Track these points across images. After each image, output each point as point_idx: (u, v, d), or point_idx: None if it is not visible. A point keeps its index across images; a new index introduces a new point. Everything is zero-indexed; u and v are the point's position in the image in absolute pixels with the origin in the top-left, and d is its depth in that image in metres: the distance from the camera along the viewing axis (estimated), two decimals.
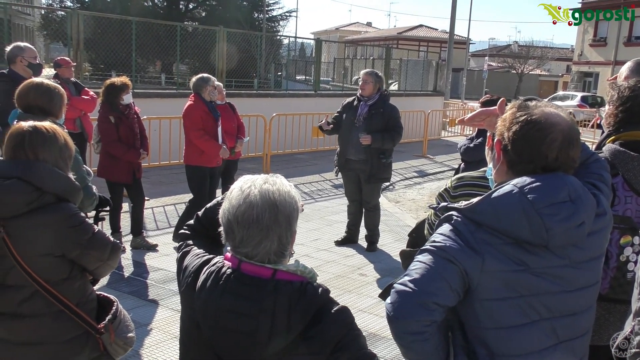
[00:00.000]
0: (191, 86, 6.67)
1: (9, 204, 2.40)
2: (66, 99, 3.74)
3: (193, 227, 2.05)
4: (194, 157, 6.60)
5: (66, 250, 2.49)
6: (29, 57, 5.32)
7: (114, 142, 6.15)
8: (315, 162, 13.05)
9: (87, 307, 2.59)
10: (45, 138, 2.53)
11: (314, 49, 17.32)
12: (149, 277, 5.75)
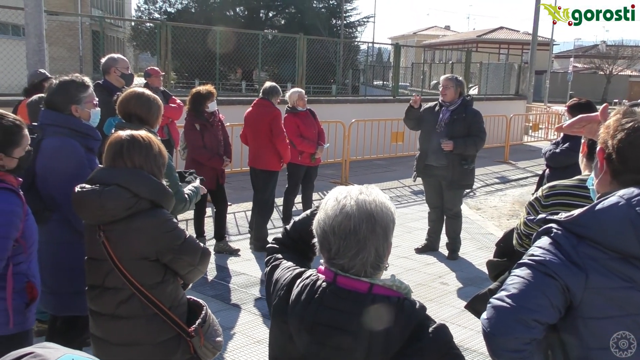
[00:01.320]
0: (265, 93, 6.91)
1: (109, 209, 2.51)
2: (162, 110, 3.89)
3: (281, 241, 2.05)
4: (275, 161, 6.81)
5: (160, 255, 2.58)
6: (122, 68, 5.58)
7: (200, 149, 6.33)
8: (393, 168, 12.95)
9: (179, 310, 2.67)
10: (141, 146, 2.64)
11: (393, 54, 17.21)
12: (231, 281, 5.87)
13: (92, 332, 2.74)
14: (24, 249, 2.70)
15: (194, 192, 3.67)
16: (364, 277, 1.61)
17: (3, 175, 2.65)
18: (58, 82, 3.46)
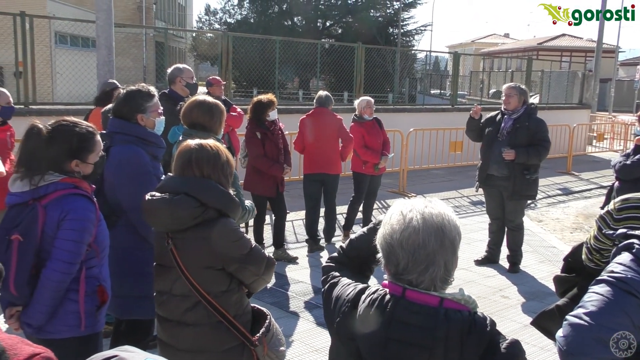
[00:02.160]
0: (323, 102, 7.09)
1: (177, 218, 2.57)
2: (225, 116, 3.97)
3: (337, 259, 2.04)
4: None
5: (226, 264, 2.61)
6: (187, 78, 5.72)
7: (260, 157, 6.40)
8: (451, 177, 12.76)
9: (243, 319, 2.69)
10: (209, 156, 2.68)
11: (452, 62, 17.00)
12: (290, 289, 5.90)
13: (158, 337, 2.80)
14: (96, 253, 2.79)
15: (251, 207, 3.73)
16: (433, 291, 1.59)
17: (78, 182, 2.75)
18: (125, 91, 3.58)
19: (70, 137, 2.72)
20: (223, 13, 39.46)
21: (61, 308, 2.67)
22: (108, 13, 7.28)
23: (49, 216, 2.63)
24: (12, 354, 0.92)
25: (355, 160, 7.59)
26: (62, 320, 2.66)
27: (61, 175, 2.71)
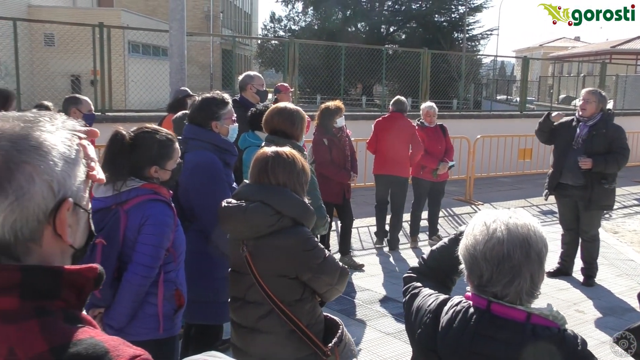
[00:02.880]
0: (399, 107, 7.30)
1: (253, 225, 2.58)
2: (306, 122, 3.99)
3: (418, 270, 2.01)
4: None
5: (299, 273, 2.61)
6: (258, 85, 5.79)
7: (327, 164, 6.41)
8: (520, 186, 12.41)
9: (316, 328, 2.68)
10: (285, 164, 2.69)
11: (521, 67, 16.59)
12: (356, 297, 5.87)
13: (232, 342, 2.83)
14: (174, 258, 2.85)
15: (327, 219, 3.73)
16: (519, 305, 1.53)
17: (158, 188, 2.82)
18: (200, 99, 3.65)
19: (151, 143, 2.79)
20: (287, 20, 39.97)
21: (141, 311, 2.73)
22: (181, 22, 7.48)
23: (130, 221, 2.70)
24: (115, 355, 0.93)
25: (414, 164, 7.53)
26: (142, 322, 2.73)
27: (142, 181, 2.79)
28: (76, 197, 1.03)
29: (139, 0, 34.04)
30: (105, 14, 22.87)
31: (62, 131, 1.03)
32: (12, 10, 20.86)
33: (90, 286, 1.05)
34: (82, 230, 1.08)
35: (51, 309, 0.97)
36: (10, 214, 0.94)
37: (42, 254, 1.01)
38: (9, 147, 0.95)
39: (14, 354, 0.90)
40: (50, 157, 0.98)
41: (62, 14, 21.46)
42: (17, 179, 0.94)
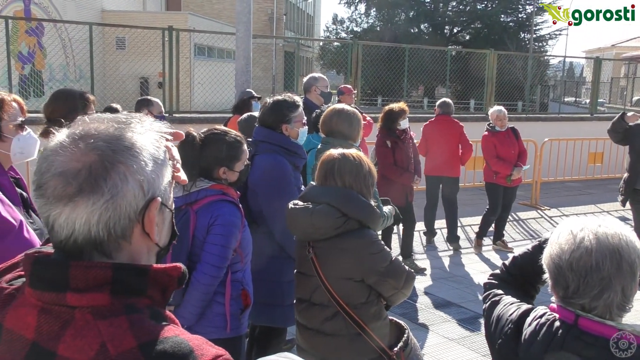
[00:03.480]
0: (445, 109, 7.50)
1: (319, 228, 2.59)
2: (362, 123, 3.98)
3: (500, 277, 1.95)
4: None
5: (365, 276, 2.59)
6: (322, 87, 5.81)
7: (390, 166, 6.36)
8: (589, 191, 11.96)
9: (382, 332, 2.65)
10: (352, 166, 2.68)
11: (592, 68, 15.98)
12: (418, 301, 5.80)
13: (297, 343, 2.84)
14: (241, 258, 2.88)
15: (389, 213, 3.69)
16: (608, 319, 1.46)
17: (226, 189, 2.86)
18: (272, 101, 3.66)
19: (220, 145, 2.84)
20: (350, 22, 39.98)
21: (209, 310, 2.78)
22: (247, 25, 7.61)
23: (199, 221, 2.76)
24: (199, 354, 0.95)
25: (487, 170, 7.39)
26: (210, 321, 2.78)
27: (210, 181, 2.84)
28: (163, 196, 1.06)
29: (204, 4, 34.82)
30: (174, 18, 23.52)
31: (151, 133, 1.07)
32: (87, 15, 21.78)
33: (174, 285, 1.07)
34: (166, 230, 1.12)
35: (139, 306, 1.00)
36: (105, 212, 0.97)
37: (131, 251, 1.04)
38: (105, 147, 0.99)
39: (106, 349, 0.93)
40: (142, 158, 1.01)
41: (133, 18, 22.22)
42: (112, 178, 0.98)
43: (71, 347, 0.94)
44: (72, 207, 0.97)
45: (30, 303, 1.01)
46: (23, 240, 2.36)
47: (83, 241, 0.99)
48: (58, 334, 0.96)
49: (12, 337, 1.02)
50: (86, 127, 1.02)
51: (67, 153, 0.99)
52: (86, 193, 0.96)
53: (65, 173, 0.97)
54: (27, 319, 1.00)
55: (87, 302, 0.97)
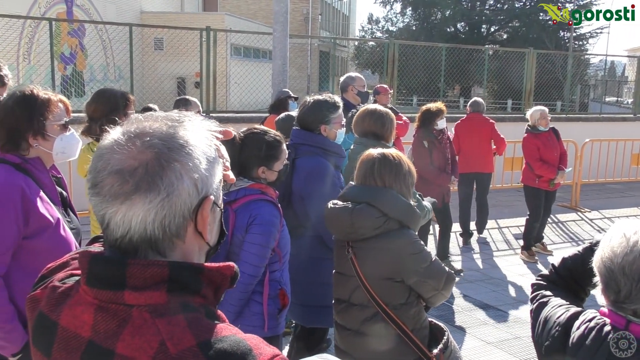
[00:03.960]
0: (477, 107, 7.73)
1: (358, 227, 2.57)
2: (395, 124, 3.95)
3: (548, 278, 1.91)
4: None
5: (405, 276, 2.57)
6: (359, 86, 5.80)
7: (427, 166, 6.30)
8: (632, 193, 11.66)
9: (421, 333, 2.63)
10: (392, 165, 2.66)
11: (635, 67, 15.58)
12: (455, 303, 5.73)
13: (336, 344, 2.83)
14: (279, 258, 2.89)
15: (427, 209, 3.64)
16: None
17: (265, 188, 2.87)
18: (313, 100, 3.62)
19: (260, 144, 2.85)
20: (385, 21, 39.83)
21: (247, 309, 2.79)
22: (284, 25, 7.63)
23: (238, 220, 2.77)
24: (258, 353, 0.95)
25: (528, 173, 7.17)
26: (248, 320, 2.78)
27: (250, 181, 2.85)
28: (215, 195, 1.06)
29: (241, 5, 35.12)
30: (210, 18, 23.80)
31: (202, 131, 1.06)
32: (127, 16, 22.19)
33: (226, 284, 1.07)
34: (216, 228, 1.11)
35: (194, 304, 1.00)
36: (161, 210, 0.97)
37: (184, 250, 1.04)
38: (160, 145, 0.99)
39: (165, 347, 0.93)
40: (196, 156, 1.01)
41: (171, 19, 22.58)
42: (168, 176, 0.97)
43: (130, 345, 0.94)
44: (128, 205, 0.97)
45: (86, 301, 1.01)
46: (59, 238, 2.41)
47: (138, 239, 0.99)
48: (115, 332, 0.96)
49: (67, 335, 1.02)
50: (140, 125, 1.03)
51: (124, 151, 0.98)
52: (143, 191, 0.96)
53: (122, 171, 0.97)
54: (83, 317, 1.01)
55: (144, 300, 0.97)
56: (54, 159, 2.52)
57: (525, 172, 7.22)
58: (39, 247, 2.36)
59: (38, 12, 19.60)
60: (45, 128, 2.43)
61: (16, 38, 16.91)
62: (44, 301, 1.09)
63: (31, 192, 2.34)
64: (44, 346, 1.06)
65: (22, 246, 2.32)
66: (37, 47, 18.10)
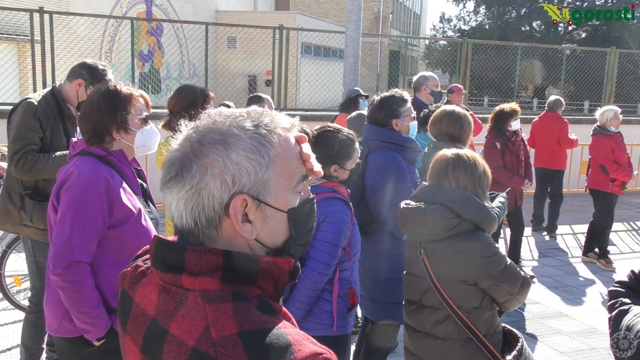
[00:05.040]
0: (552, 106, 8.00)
1: (432, 228, 2.54)
2: (472, 126, 3.88)
3: (627, 284, 1.82)
4: None
5: (479, 280, 2.51)
6: (432, 86, 5.73)
7: (499, 168, 6.14)
8: None
9: (494, 339, 2.56)
10: (467, 166, 2.61)
11: None
12: (526, 309, 5.56)
13: (405, 346, 2.80)
14: (349, 256, 2.88)
15: (502, 209, 3.55)
16: None
17: (337, 186, 2.87)
18: (380, 97, 3.64)
19: (333, 142, 2.85)
20: (457, 20, 39.13)
21: (316, 307, 2.79)
22: (357, 24, 7.62)
23: None
24: (297, 349, 0.95)
25: (599, 177, 6.82)
26: (317, 318, 2.79)
27: (321, 179, 2.85)
28: (259, 193, 1.04)
29: (312, 3, 35.34)
30: (282, 17, 24.07)
31: (258, 129, 1.05)
32: (202, 15, 22.79)
33: (285, 278, 1.08)
34: (274, 229, 1.08)
35: (248, 295, 1.02)
36: (189, 201, 1.02)
37: (227, 244, 1.05)
38: (195, 138, 1.04)
39: (208, 332, 0.96)
40: (230, 152, 1.02)
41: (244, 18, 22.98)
42: (195, 169, 1.02)
43: (181, 326, 0.98)
44: (168, 192, 1.05)
45: (155, 282, 1.08)
46: (140, 228, 2.50)
47: (179, 227, 1.05)
48: (172, 312, 1.01)
49: (138, 312, 1.09)
50: (200, 120, 1.08)
51: (176, 143, 1.07)
52: (175, 181, 1.03)
53: (168, 161, 1.05)
54: (151, 296, 1.07)
55: (199, 285, 1.01)
56: (135, 151, 2.61)
57: (596, 175, 6.85)
58: (122, 237, 2.45)
59: (120, 12, 20.43)
60: (128, 122, 2.52)
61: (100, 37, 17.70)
62: (127, 278, 1.17)
63: (115, 184, 2.43)
64: (123, 320, 1.14)
65: (106, 235, 2.41)
66: (118, 45, 18.87)
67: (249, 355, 0.93)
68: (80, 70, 3.50)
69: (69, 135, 3.46)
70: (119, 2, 20.67)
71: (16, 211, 3.49)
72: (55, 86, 3.56)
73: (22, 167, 3.34)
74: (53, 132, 3.44)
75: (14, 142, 3.38)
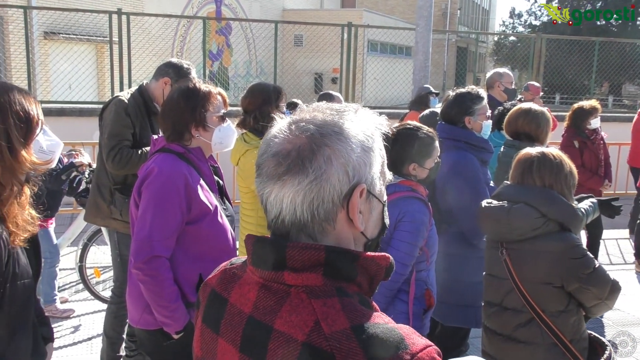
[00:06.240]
0: None
1: (516, 228, 2.47)
2: (551, 124, 3.75)
3: None
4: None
5: (565, 282, 2.42)
6: (506, 83, 5.58)
7: (577, 168, 5.90)
8: None
9: (580, 345, 2.47)
10: (552, 165, 2.53)
11: None
12: (605, 316, 5.31)
13: (483, 349, 2.73)
14: (427, 257, 2.83)
15: (591, 209, 3.40)
16: None
17: (415, 185, 2.83)
18: (455, 93, 3.55)
19: (412, 141, 2.80)
20: (528, 15, 37.98)
21: (392, 307, 2.76)
22: (427, 20, 7.53)
23: None
24: (410, 343, 0.96)
25: None
26: (392, 318, 2.76)
27: (400, 177, 2.82)
28: (370, 185, 1.06)
29: (378, 1, 35.16)
30: (349, 14, 24.04)
31: (364, 122, 1.08)
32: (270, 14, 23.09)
33: (381, 275, 1.08)
34: (375, 221, 1.11)
35: (348, 291, 1.02)
36: (309, 193, 1.01)
37: (337, 237, 1.05)
38: (314, 130, 1.03)
39: (319, 327, 0.95)
40: (349, 143, 1.03)
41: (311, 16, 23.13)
42: (317, 160, 1.00)
43: (288, 322, 0.98)
44: (280, 185, 1.02)
45: (253, 280, 1.08)
46: (216, 224, 2.54)
47: (289, 222, 1.03)
48: (274, 309, 1.01)
49: (234, 312, 1.10)
50: (303, 114, 1.08)
51: (283, 136, 1.04)
52: (293, 173, 1.01)
53: (279, 154, 1.03)
54: (249, 295, 1.07)
55: (302, 281, 1.01)
56: (212, 149, 2.65)
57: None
58: (199, 233, 2.50)
59: (191, 12, 20.96)
60: (206, 119, 2.56)
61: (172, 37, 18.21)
62: (217, 281, 1.18)
63: (193, 180, 2.48)
64: (213, 322, 1.14)
65: (185, 231, 2.46)
66: (189, 45, 19.37)
67: (364, 349, 0.93)
68: (166, 68, 3.60)
69: (155, 132, 3.56)
70: (190, 3, 21.21)
71: (106, 205, 3.63)
72: (142, 85, 3.67)
73: (118, 162, 3.46)
74: (142, 129, 3.56)
75: (110, 138, 3.49)
